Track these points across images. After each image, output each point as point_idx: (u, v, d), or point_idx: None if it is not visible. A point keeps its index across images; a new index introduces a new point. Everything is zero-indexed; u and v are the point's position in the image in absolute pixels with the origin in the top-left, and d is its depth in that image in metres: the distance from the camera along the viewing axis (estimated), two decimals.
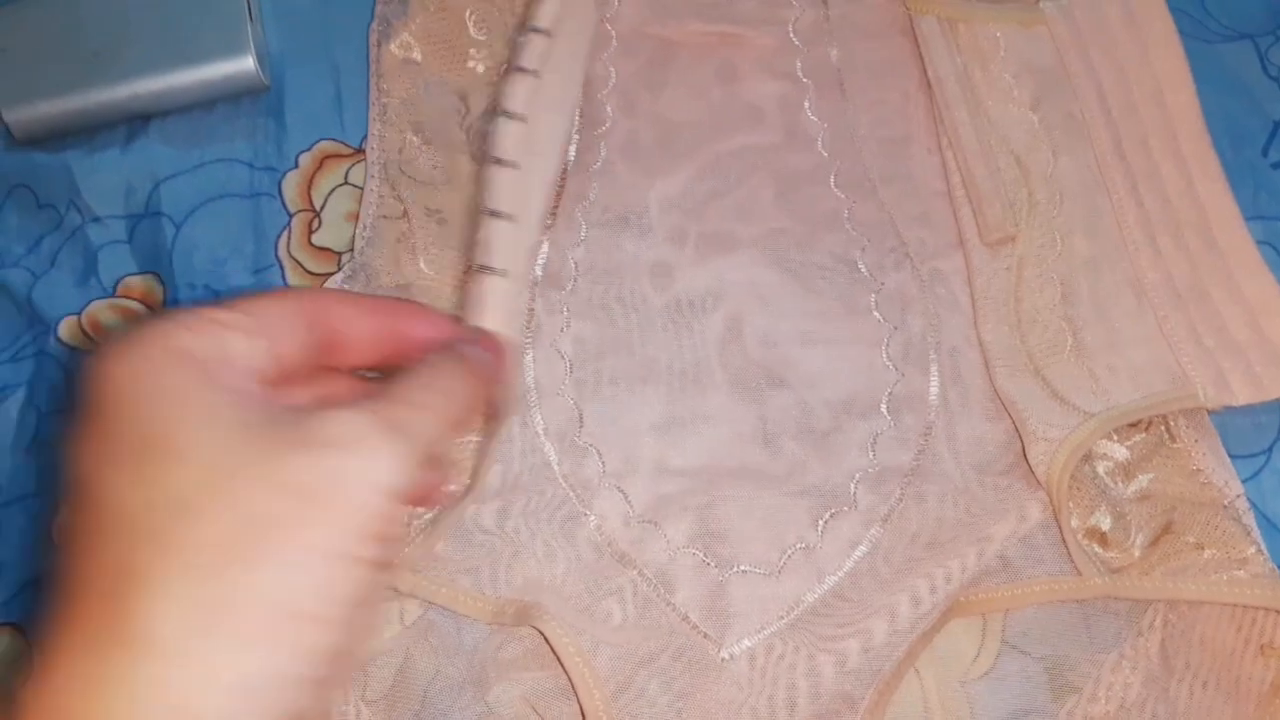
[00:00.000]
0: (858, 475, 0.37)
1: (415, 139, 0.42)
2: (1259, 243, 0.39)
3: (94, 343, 0.41)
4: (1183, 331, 0.37)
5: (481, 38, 0.45)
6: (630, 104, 0.43)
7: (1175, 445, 0.36)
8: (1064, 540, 0.35)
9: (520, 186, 0.34)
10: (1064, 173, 0.40)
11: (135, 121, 0.44)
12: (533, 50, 0.36)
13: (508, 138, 0.34)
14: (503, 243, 0.33)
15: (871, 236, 0.41)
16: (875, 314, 0.39)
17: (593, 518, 0.37)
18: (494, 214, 0.33)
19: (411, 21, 0.44)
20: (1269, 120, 0.43)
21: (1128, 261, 0.39)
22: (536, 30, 0.36)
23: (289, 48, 0.45)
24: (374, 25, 0.44)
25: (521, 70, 0.35)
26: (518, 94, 0.35)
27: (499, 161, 0.34)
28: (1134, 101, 0.42)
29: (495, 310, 0.31)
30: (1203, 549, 0.34)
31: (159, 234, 0.43)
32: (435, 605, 0.36)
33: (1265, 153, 0.42)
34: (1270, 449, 0.38)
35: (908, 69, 0.44)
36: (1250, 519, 0.35)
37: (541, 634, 0.34)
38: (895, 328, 0.39)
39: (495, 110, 0.42)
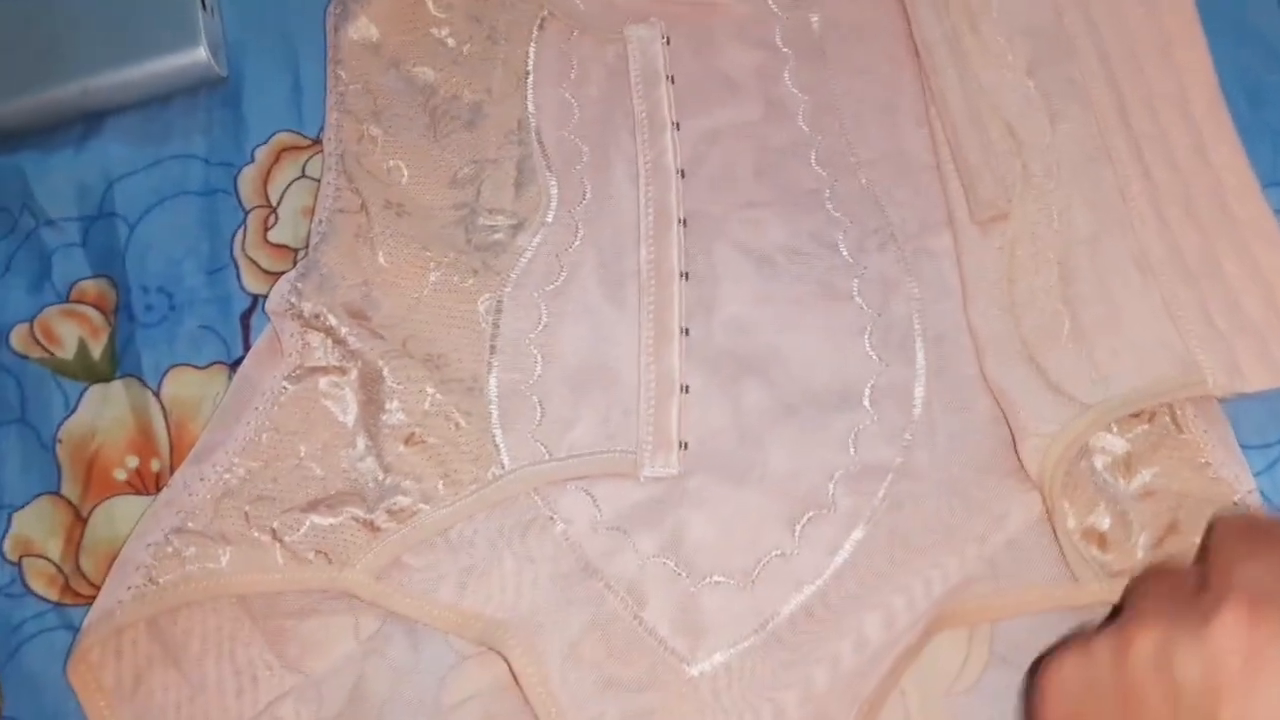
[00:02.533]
0: (837, 474, 0.35)
1: (375, 129, 0.40)
2: (1277, 212, 0.36)
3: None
4: (1192, 311, 0.34)
5: (442, 15, 0.42)
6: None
7: (1182, 436, 0.33)
8: (1059, 543, 0.32)
9: None
10: (1062, 142, 0.37)
11: (91, 119, 0.43)
12: None
13: None
14: None
15: (854, 217, 0.38)
16: (857, 299, 0.37)
17: (559, 523, 0.35)
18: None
19: (369, 3, 0.42)
20: None
21: (1132, 236, 0.36)
22: None
23: (247, 36, 0.44)
24: (331, 8, 0.42)
25: None
26: None
27: None
28: (1140, 60, 0.39)
29: None
30: None
31: (113, 235, 0.41)
32: (392, 619, 0.34)
33: None
34: None
35: (894, 32, 0.41)
36: None
37: (503, 657, 0.32)
38: (878, 314, 0.37)
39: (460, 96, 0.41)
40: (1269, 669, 0.22)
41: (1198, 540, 0.31)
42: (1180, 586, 0.26)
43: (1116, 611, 0.30)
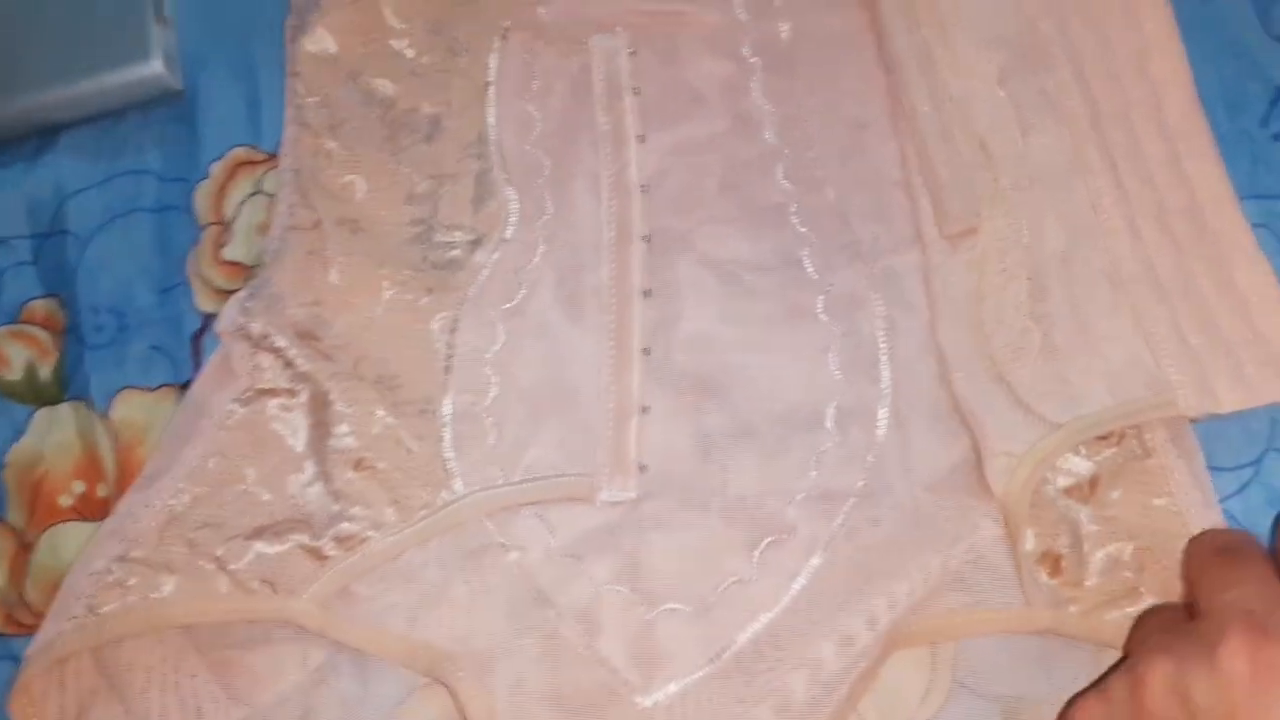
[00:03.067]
0: (798, 497, 0.34)
1: (332, 143, 0.39)
2: (1255, 225, 0.35)
3: None
4: (1164, 328, 0.33)
5: (401, 26, 0.42)
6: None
7: (1149, 461, 0.32)
8: (1016, 567, 0.31)
9: None
10: (1034, 155, 0.36)
11: (45, 134, 0.42)
12: None
13: None
14: None
15: (820, 233, 0.37)
16: (821, 317, 0.36)
17: (511, 551, 0.34)
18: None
19: (326, 14, 0.41)
20: (1270, 85, 0.38)
21: (1105, 251, 0.35)
22: None
23: (204, 48, 0.43)
24: (289, 20, 0.41)
25: None
26: None
27: None
28: (1116, 69, 0.38)
29: None
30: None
31: (64, 253, 0.40)
32: (340, 649, 0.33)
33: (1265, 123, 0.38)
34: (1260, 460, 0.34)
35: (865, 43, 0.40)
36: None
37: (450, 689, 0.31)
38: (843, 333, 0.36)
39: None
40: (1276, 686, 0.25)
41: (1145, 574, 0.31)
42: (1175, 621, 0.28)
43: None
